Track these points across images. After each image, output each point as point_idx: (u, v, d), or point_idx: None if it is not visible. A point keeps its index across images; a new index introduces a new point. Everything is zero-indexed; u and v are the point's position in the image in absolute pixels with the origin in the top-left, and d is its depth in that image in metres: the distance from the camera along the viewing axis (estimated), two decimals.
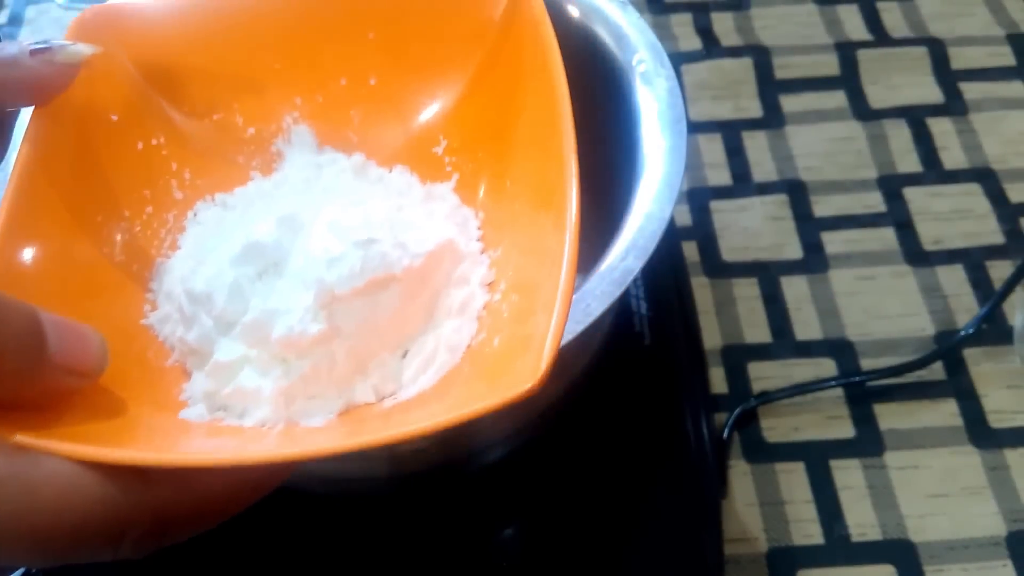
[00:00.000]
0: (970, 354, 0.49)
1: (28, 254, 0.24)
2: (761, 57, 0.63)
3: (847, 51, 0.63)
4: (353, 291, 0.25)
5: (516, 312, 0.25)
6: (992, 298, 0.50)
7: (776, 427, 0.47)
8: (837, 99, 0.61)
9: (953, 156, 0.57)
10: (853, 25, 0.64)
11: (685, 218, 0.55)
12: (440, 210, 0.30)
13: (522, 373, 0.21)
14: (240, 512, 0.21)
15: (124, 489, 0.18)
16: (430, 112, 0.32)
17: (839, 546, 0.44)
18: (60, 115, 0.27)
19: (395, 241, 0.27)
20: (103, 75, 0.28)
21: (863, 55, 0.63)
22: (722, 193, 0.56)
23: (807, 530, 0.44)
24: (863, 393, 0.48)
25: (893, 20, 0.64)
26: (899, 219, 0.55)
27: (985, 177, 0.56)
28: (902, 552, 0.43)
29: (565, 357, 0.30)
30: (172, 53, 0.30)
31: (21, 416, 0.19)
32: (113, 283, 0.27)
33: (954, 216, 0.55)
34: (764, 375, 0.49)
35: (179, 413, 0.25)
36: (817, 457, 0.46)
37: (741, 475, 0.46)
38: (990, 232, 0.54)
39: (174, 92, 0.31)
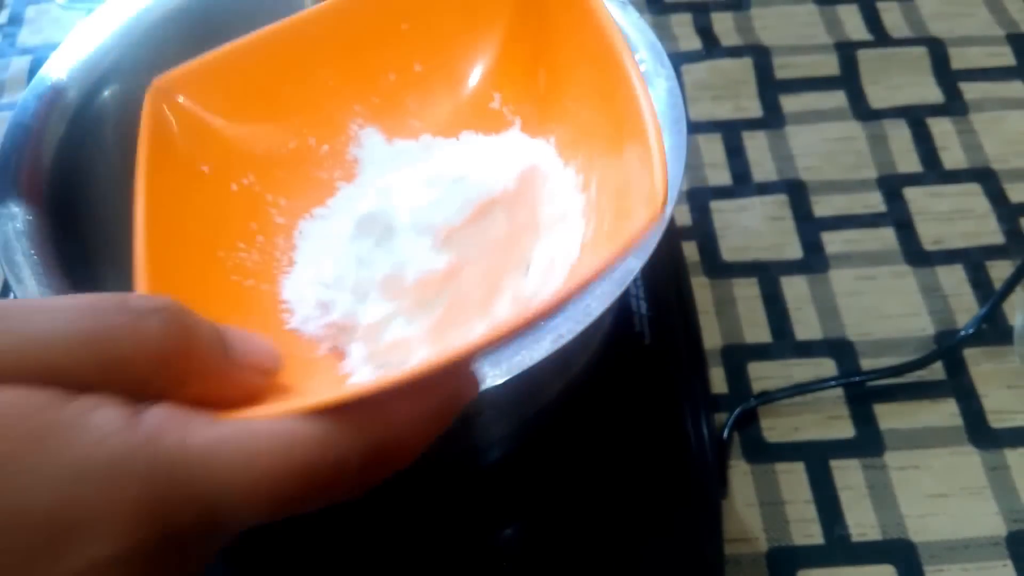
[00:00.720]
0: (970, 354, 0.49)
1: (175, 292, 0.27)
2: (761, 57, 0.63)
3: (847, 51, 0.63)
4: (463, 221, 0.28)
5: (615, 193, 0.27)
6: (992, 298, 0.50)
7: (776, 427, 0.47)
8: (837, 99, 0.61)
9: (953, 156, 0.57)
10: (853, 25, 0.64)
11: (685, 218, 0.55)
12: (515, 147, 0.32)
13: (644, 213, 0.22)
14: (434, 440, 0.22)
15: (332, 428, 0.20)
16: (477, 74, 0.35)
17: (839, 546, 0.44)
18: (163, 175, 0.30)
19: (485, 174, 0.29)
20: (190, 136, 0.31)
21: (863, 55, 0.63)
22: (722, 193, 0.56)
23: (807, 530, 0.44)
24: (863, 393, 0.48)
25: (893, 20, 0.65)
26: (899, 219, 0.55)
27: (985, 177, 0.56)
28: (902, 552, 0.43)
29: (565, 357, 0.30)
30: (239, 100, 0.34)
31: (220, 409, 0.21)
32: (249, 304, 0.30)
33: (954, 216, 0.55)
34: (764, 375, 0.49)
35: (348, 381, 0.27)
36: (817, 457, 0.46)
37: (741, 475, 0.46)
38: (990, 232, 0.54)
39: (250, 134, 0.34)
